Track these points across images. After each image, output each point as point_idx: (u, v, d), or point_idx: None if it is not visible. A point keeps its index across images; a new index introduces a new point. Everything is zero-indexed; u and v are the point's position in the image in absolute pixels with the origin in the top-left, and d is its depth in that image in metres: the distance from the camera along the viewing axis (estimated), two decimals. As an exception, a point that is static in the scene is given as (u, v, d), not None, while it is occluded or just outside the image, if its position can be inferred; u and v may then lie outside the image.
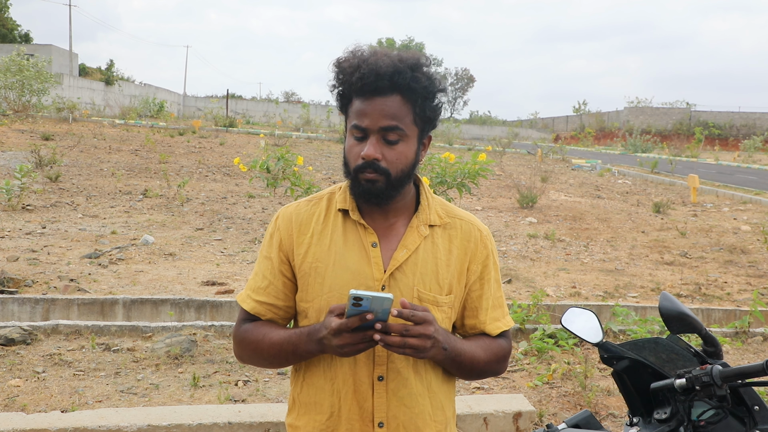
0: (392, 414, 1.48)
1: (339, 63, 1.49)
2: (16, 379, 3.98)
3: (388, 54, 1.46)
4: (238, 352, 1.59)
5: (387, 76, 1.42)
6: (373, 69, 1.42)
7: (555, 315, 5.57)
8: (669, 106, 49.16)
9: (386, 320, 1.31)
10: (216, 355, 4.54)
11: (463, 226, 1.58)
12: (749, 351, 5.26)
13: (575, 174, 20.04)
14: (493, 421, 3.38)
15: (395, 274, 1.49)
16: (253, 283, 1.58)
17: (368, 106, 1.44)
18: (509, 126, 50.57)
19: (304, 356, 1.48)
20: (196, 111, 42.74)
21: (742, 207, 14.40)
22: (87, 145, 17.00)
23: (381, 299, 1.27)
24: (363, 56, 1.46)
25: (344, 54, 1.49)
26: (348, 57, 1.48)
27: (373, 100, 1.43)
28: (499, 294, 1.62)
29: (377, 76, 1.42)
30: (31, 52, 30.52)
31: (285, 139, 22.11)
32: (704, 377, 1.52)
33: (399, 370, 1.49)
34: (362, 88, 1.44)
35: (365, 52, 1.47)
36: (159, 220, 9.71)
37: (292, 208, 1.60)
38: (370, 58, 1.44)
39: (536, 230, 10.61)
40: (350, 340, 1.33)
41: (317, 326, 1.40)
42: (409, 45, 68.23)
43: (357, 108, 1.46)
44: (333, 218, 1.55)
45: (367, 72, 1.42)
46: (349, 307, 1.29)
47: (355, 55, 1.47)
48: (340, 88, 1.48)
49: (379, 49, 1.49)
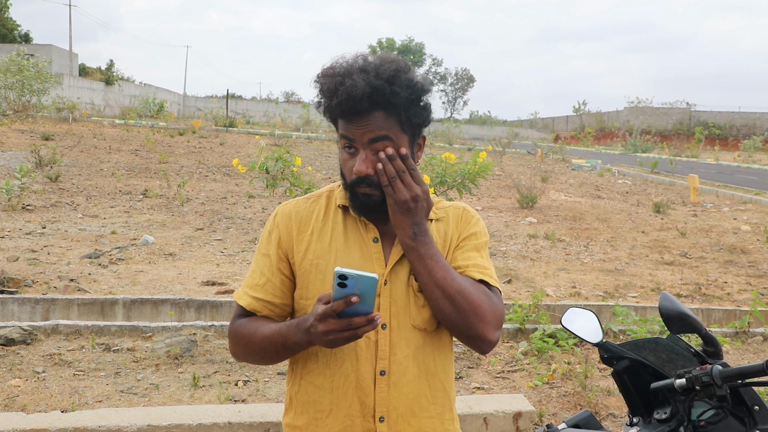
0: (393, 406, 1.49)
1: (318, 83, 1.47)
2: (16, 379, 3.98)
3: (365, 68, 1.43)
4: (232, 348, 1.59)
5: (365, 99, 1.40)
6: (350, 94, 1.40)
7: (555, 315, 5.57)
8: (669, 106, 49.17)
9: (371, 309, 1.30)
10: (216, 355, 4.54)
11: (451, 212, 1.61)
12: (749, 351, 5.26)
13: (575, 174, 20.04)
14: (493, 421, 3.38)
15: (395, 267, 1.50)
16: (250, 279, 1.57)
17: (351, 126, 1.44)
18: (509, 126, 50.60)
19: (293, 348, 1.46)
20: (196, 111, 42.76)
21: (742, 207, 14.40)
22: (87, 145, 17.00)
23: (366, 278, 1.26)
24: (339, 78, 1.42)
25: (322, 71, 1.47)
26: (325, 77, 1.45)
27: (355, 120, 1.43)
28: (485, 264, 1.57)
29: (354, 100, 1.40)
30: (31, 52, 30.53)
31: (285, 139, 22.11)
32: (704, 377, 1.52)
33: (400, 361, 1.49)
34: (342, 113, 1.44)
35: (341, 70, 1.44)
36: (159, 220, 9.71)
37: (291, 205, 1.60)
38: (345, 80, 1.41)
39: (536, 230, 10.61)
40: (335, 326, 1.30)
41: (306, 316, 1.40)
42: (409, 45, 68.28)
43: (342, 126, 1.47)
44: (333, 215, 1.56)
45: (344, 98, 1.40)
46: (334, 288, 1.27)
47: (333, 75, 1.44)
48: (322, 108, 1.48)
49: (356, 61, 1.46)
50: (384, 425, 1.48)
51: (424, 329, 1.52)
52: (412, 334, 1.50)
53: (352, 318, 1.29)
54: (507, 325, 5.35)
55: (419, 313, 1.51)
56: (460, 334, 1.48)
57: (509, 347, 5.07)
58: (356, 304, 1.27)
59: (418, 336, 1.51)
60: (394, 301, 1.50)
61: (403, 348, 1.49)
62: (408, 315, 1.50)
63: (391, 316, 1.49)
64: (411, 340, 1.50)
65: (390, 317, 1.49)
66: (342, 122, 1.46)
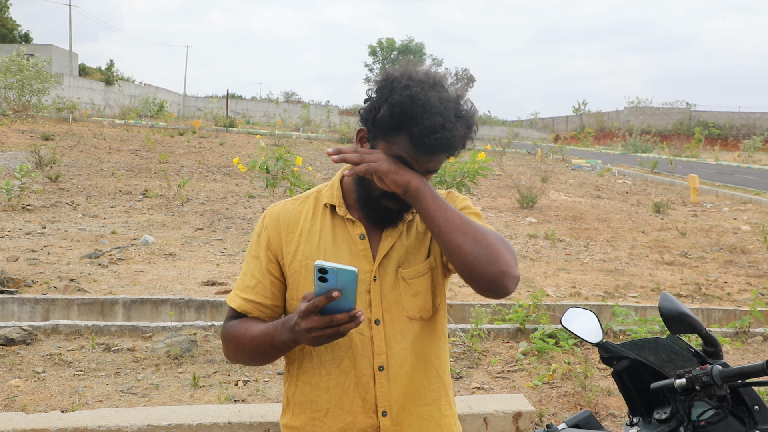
0: (394, 399, 1.50)
1: (403, 106, 1.38)
2: (16, 379, 3.98)
3: (459, 114, 1.41)
4: (225, 350, 1.60)
5: (459, 147, 1.43)
6: (450, 144, 1.38)
7: (555, 315, 5.57)
8: (669, 106, 49.14)
9: (353, 305, 1.30)
10: (216, 355, 4.53)
11: None
12: (749, 351, 5.26)
13: (575, 174, 20.03)
14: (493, 421, 3.38)
15: (383, 262, 1.52)
16: (241, 282, 1.58)
17: (421, 158, 1.41)
18: (509, 126, 50.57)
19: (281, 348, 1.46)
20: (196, 111, 42.73)
21: (742, 207, 14.40)
22: (87, 145, 17.00)
23: (345, 272, 1.26)
24: (439, 119, 1.36)
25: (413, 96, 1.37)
26: (428, 109, 1.37)
27: (430, 157, 1.42)
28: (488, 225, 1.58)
29: (451, 150, 1.42)
30: (31, 52, 30.52)
31: (285, 139, 22.11)
32: (704, 377, 1.52)
33: (398, 354, 1.50)
34: (430, 153, 1.40)
35: (438, 107, 1.37)
36: (159, 220, 9.71)
37: (278, 207, 1.61)
38: (447, 125, 1.37)
39: (536, 230, 10.61)
40: (317, 323, 1.29)
41: (291, 315, 1.40)
42: (409, 45, 68.23)
43: (407, 151, 1.41)
44: (321, 215, 1.57)
45: (444, 146, 1.39)
46: (315, 283, 1.27)
47: (430, 112, 1.37)
48: (396, 122, 1.40)
49: (449, 96, 1.41)
50: (387, 419, 1.49)
51: (419, 318, 1.53)
52: (408, 326, 1.52)
53: (335, 315, 1.29)
54: (507, 325, 5.35)
55: (413, 303, 1.52)
56: (483, 273, 1.38)
57: (509, 347, 5.07)
58: (338, 299, 1.27)
59: (414, 326, 1.52)
60: (385, 295, 1.51)
61: (399, 341, 1.50)
62: (401, 307, 1.51)
63: (383, 311, 1.50)
64: (406, 332, 1.51)
65: (383, 312, 1.50)
66: (410, 148, 1.40)
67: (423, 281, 1.54)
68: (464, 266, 1.38)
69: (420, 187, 1.40)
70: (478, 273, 1.38)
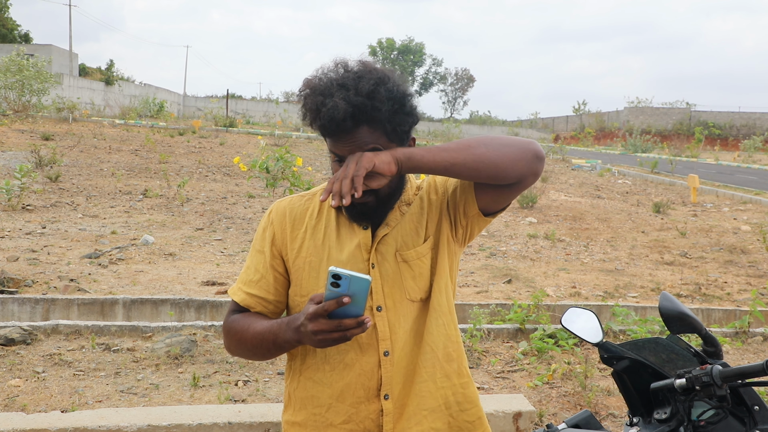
0: (395, 381, 1.51)
1: (301, 98, 1.46)
2: (16, 379, 3.98)
3: (344, 84, 1.40)
4: (226, 343, 1.61)
5: (348, 119, 1.39)
6: (332, 116, 1.38)
7: (555, 315, 5.57)
8: (669, 106, 49.14)
9: (362, 311, 1.30)
10: (216, 355, 4.54)
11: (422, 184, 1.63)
12: (749, 351, 5.26)
13: (575, 174, 20.03)
14: (493, 421, 3.38)
15: (379, 248, 1.52)
16: (245, 276, 1.59)
17: (339, 144, 1.44)
18: (509, 126, 50.60)
19: (283, 346, 1.48)
20: (196, 111, 42.72)
21: (742, 207, 14.40)
22: (87, 145, 17.00)
23: (359, 280, 1.27)
24: (320, 98, 1.40)
25: (303, 86, 1.46)
26: (307, 96, 1.44)
27: (342, 138, 1.43)
28: None
29: (337, 122, 1.39)
30: (31, 52, 30.51)
31: (285, 139, 22.10)
32: (704, 377, 1.52)
33: (400, 337, 1.51)
34: (327, 133, 1.44)
35: (321, 87, 1.42)
36: (159, 220, 9.71)
37: (285, 202, 1.61)
38: (327, 101, 1.39)
39: (536, 230, 10.61)
40: (325, 326, 1.30)
41: (297, 315, 1.40)
42: (409, 45, 68.28)
43: (329, 142, 1.47)
44: (326, 213, 1.57)
45: (327, 121, 1.40)
46: (327, 288, 1.28)
47: (314, 93, 1.42)
48: (308, 121, 1.46)
49: (336, 72, 1.44)
50: (389, 402, 1.50)
51: (419, 300, 1.54)
52: (409, 308, 1.53)
53: (343, 319, 1.30)
54: (507, 325, 5.35)
55: (414, 285, 1.53)
56: (517, 162, 1.41)
57: (509, 347, 5.08)
58: (348, 305, 1.28)
59: (415, 307, 1.54)
60: (386, 281, 1.51)
61: (402, 324, 1.52)
62: (403, 290, 1.52)
63: (385, 297, 1.51)
64: (408, 315, 1.53)
65: (384, 298, 1.51)
66: (329, 139, 1.46)
67: (424, 262, 1.55)
68: (498, 171, 1.41)
69: (405, 153, 1.42)
70: (512, 168, 1.41)
